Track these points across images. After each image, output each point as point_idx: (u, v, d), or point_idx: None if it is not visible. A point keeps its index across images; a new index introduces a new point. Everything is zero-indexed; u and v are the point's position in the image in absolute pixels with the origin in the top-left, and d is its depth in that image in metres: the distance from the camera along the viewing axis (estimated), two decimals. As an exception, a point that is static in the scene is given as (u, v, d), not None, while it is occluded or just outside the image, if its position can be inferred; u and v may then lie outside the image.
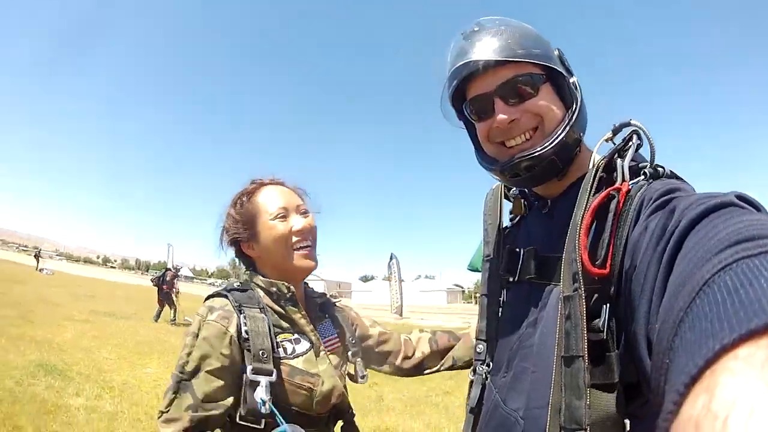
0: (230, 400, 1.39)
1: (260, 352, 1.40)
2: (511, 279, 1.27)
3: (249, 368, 1.37)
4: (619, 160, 1.03)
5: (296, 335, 1.57)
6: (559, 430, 0.94)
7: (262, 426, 1.38)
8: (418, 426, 6.24)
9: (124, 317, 14.84)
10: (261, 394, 1.34)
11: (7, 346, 7.51)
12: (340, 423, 1.69)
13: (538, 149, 1.13)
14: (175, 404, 1.36)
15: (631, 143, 1.05)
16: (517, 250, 1.26)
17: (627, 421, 0.87)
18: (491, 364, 1.32)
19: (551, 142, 1.12)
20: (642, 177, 0.99)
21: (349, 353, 1.72)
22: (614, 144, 1.11)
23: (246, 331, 1.42)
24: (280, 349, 1.49)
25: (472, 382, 1.40)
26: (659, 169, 1.01)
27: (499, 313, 1.34)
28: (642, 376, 0.79)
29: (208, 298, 1.55)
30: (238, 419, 1.39)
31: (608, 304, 0.91)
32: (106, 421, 5.04)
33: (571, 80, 1.18)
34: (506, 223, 1.48)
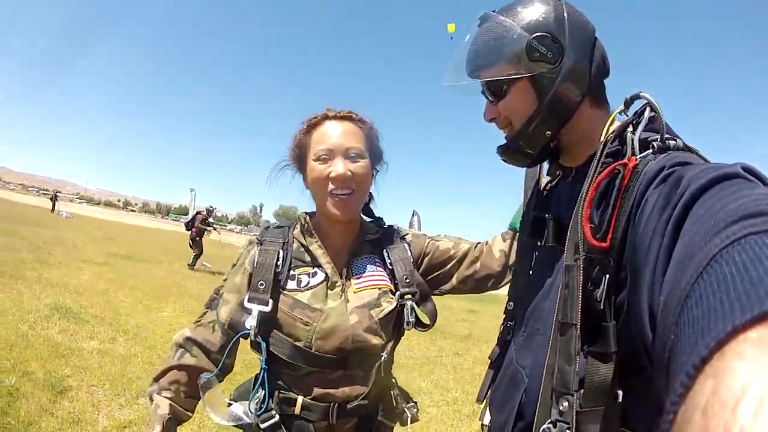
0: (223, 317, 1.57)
1: (259, 283, 1.51)
2: (538, 243, 1.27)
3: (246, 296, 1.51)
4: (629, 134, 1.02)
5: (315, 269, 1.61)
6: (551, 392, 0.98)
7: (264, 354, 1.48)
8: (426, 385, 6.43)
9: (142, 260, 14.96)
10: (250, 321, 1.48)
11: (23, 290, 7.49)
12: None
13: (504, 146, 1.27)
14: (205, 316, 1.62)
15: (643, 116, 1.04)
16: (545, 216, 1.25)
17: (620, 392, 0.90)
18: (516, 321, 1.34)
19: (510, 143, 1.24)
20: (650, 151, 0.97)
21: (397, 294, 1.62)
22: (627, 116, 1.12)
23: (256, 263, 1.56)
24: (293, 282, 1.57)
25: (499, 337, 1.42)
26: (670, 142, 0.97)
27: (529, 275, 1.35)
28: (642, 348, 0.77)
29: None
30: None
31: (608, 276, 0.92)
32: (119, 364, 5.02)
33: (543, 71, 1.13)
34: (545, 185, 1.48)
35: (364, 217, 1.80)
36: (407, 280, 1.63)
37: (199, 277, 13.55)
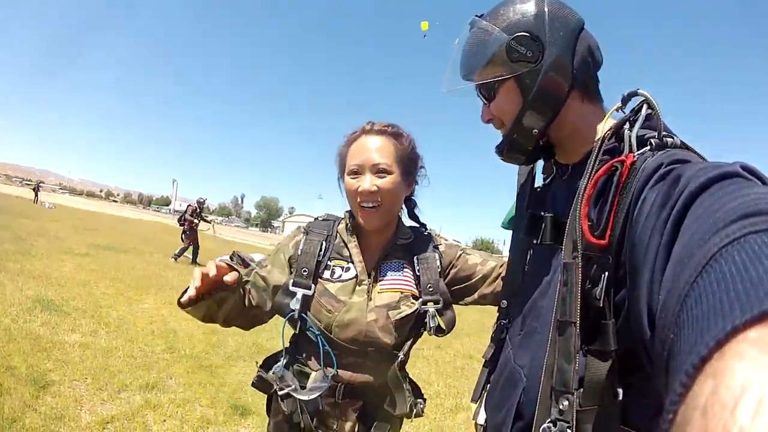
0: (272, 283, 1.72)
1: (302, 270, 1.65)
2: (534, 241, 1.27)
3: (291, 280, 1.64)
4: (626, 131, 1.01)
5: (349, 264, 1.71)
6: (550, 391, 0.97)
7: (298, 331, 1.66)
8: (408, 378, 6.33)
9: (123, 251, 14.80)
10: (294, 304, 1.60)
11: (5, 282, 7.41)
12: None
13: (499, 145, 1.30)
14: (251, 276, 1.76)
15: (640, 113, 1.03)
16: (542, 213, 1.24)
17: (620, 390, 0.89)
18: (510, 320, 1.35)
19: (504, 142, 1.28)
20: (648, 147, 0.96)
21: (420, 300, 1.69)
22: (624, 113, 1.10)
23: (300, 250, 1.70)
24: (328, 272, 1.69)
25: (493, 335, 1.42)
26: (668, 139, 0.96)
27: (524, 273, 1.36)
28: (641, 347, 0.78)
29: None
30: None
31: (606, 273, 0.91)
32: (101, 358, 5.01)
33: (525, 70, 1.15)
34: (540, 181, 1.48)
35: (410, 221, 1.92)
36: (431, 288, 1.69)
37: (180, 269, 13.42)
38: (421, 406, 1.76)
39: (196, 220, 15.89)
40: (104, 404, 4.00)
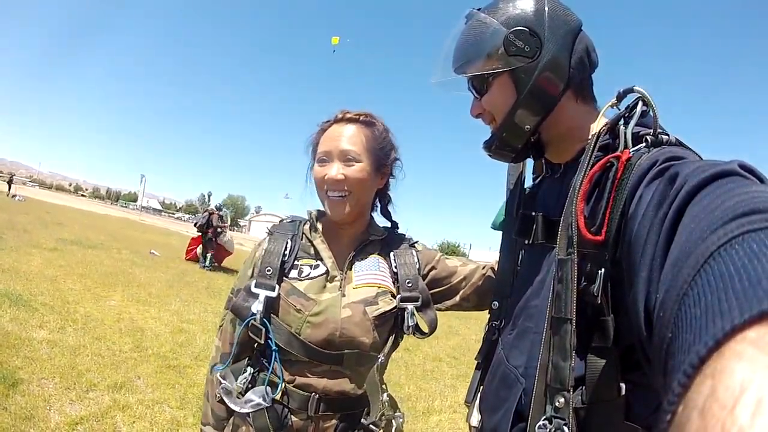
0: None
1: (266, 269, 1.49)
2: (526, 241, 1.23)
3: (253, 282, 1.47)
4: (622, 127, 0.99)
5: (318, 261, 1.57)
6: (544, 389, 0.93)
7: (262, 340, 1.45)
8: (378, 381, 6.24)
9: (90, 246, 14.27)
10: (256, 306, 1.44)
11: (-27, 276, 7.04)
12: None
13: (488, 141, 1.25)
14: (225, 318, 1.60)
15: (635, 110, 1.00)
16: (533, 213, 1.20)
17: (623, 386, 0.87)
18: (502, 321, 1.30)
19: (493, 138, 1.23)
20: (643, 144, 0.93)
21: (398, 297, 1.55)
22: (619, 110, 1.07)
23: (264, 250, 1.55)
24: (295, 271, 1.54)
25: (485, 337, 1.36)
26: (663, 136, 0.93)
27: (515, 273, 1.32)
28: (637, 344, 0.74)
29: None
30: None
31: (603, 270, 0.87)
32: (69, 356, 4.80)
33: (521, 65, 1.11)
34: (529, 182, 1.44)
35: (383, 219, 1.80)
36: (410, 284, 1.57)
37: (147, 265, 13.01)
38: (401, 420, 1.57)
39: (224, 225, 15.59)
40: (73, 404, 3.82)
